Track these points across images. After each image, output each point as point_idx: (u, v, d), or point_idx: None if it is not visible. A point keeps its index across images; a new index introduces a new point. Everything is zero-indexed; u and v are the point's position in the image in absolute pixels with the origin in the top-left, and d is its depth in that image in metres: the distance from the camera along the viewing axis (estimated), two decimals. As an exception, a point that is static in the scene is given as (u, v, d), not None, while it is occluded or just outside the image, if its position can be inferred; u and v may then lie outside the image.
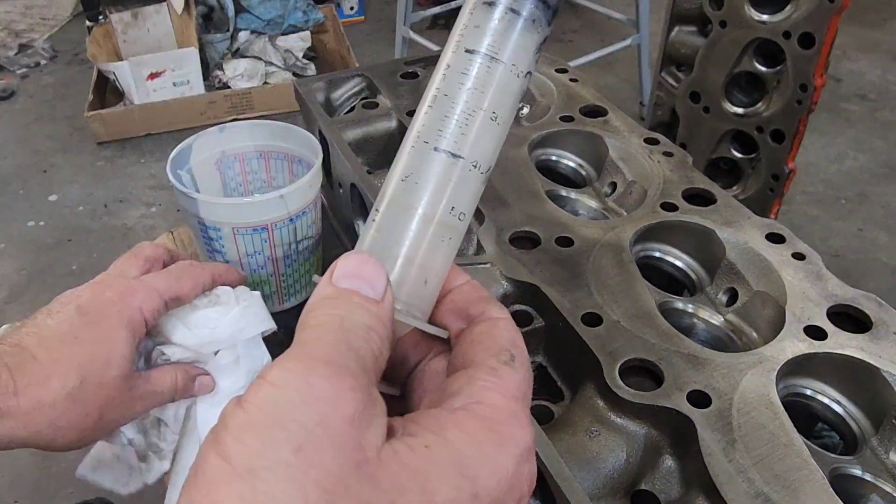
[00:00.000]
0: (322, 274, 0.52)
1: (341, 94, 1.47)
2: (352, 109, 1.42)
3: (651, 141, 1.27)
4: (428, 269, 0.54)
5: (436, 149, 0.54)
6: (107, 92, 4.38)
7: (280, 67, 4.50)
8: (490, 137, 0.55)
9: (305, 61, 4.65)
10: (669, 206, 1.13)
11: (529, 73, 0.56)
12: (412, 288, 0.54)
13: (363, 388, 0.45)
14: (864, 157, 3.99)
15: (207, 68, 4.39)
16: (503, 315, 0.55)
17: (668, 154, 1.24)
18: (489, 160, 0.55)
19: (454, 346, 0.55)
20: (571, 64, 1.50)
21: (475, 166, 0.54)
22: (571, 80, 1.45)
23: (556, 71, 1.48)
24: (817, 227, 3.50)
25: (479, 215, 1.12)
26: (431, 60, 1.52)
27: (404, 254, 0.54)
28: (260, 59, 4.47)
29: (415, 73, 1.47)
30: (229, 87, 4.36)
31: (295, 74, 4.52)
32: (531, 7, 0.55)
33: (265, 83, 4.42)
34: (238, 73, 4.38)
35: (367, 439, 0.44)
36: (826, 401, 0.91)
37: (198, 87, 4.26)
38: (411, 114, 1.31)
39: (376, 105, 1.38)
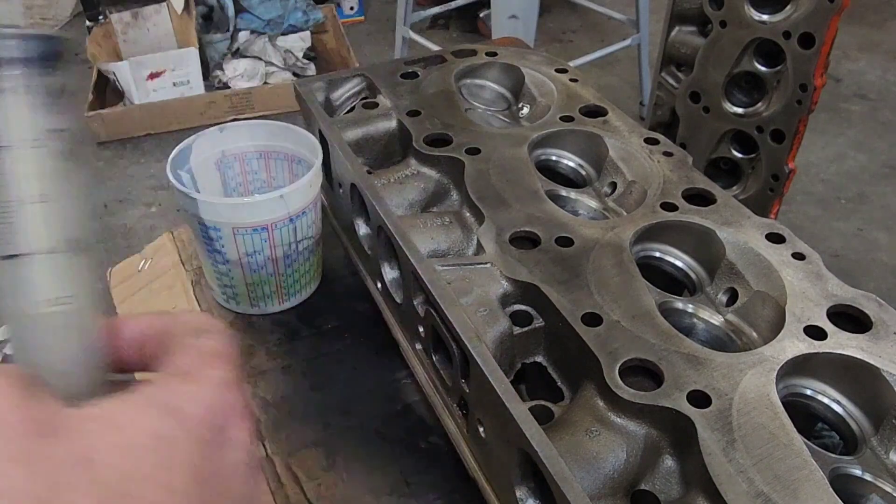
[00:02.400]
0: (322, 274, 0.54)
1: (341, 94, 1.47)
2: (352, 109, 1.42)
3: (651, 141, 1.27)
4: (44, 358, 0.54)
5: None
6: (107, 92, 4.38)
7: (280, 67, 4.51)
8: (39, 220, 0.53)
9: (305, 61, 4.65)
10: (669, 206, 1.12)
11: (62, 130, 0.54)
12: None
13: (19, 379, 0.48)
14: (864, 157, 3.99)
15: (207, 68, 4.39)
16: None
17: (668, 154, 1.24)
18: (64, 236, 0.54)
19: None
20: (571, 64, 1.50)
21: (53, 250, 0.53)
22: (571, 80, 1.45)
23: (556, 71, 1.48)
24: (817, 227, 3.51)
25: (478, 215, 1.12)
26: (432, 60, 1.52)
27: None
28: (260, 59, 4.47)
29: (415, 73, 1.47)
30: (229, 87, 4.36)
31: (295, 74, 4.52)
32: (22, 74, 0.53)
33: (265, 83, 4.42)
34: (238, 73, 4.39)
35: (37, 410, 0.47)
36: (826, 401, 0.91)
37: (198, 87, 4.26)
38: (411, 114, 1.32)
39: (376, 105, 1.38)
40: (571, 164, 1.31)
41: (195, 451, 0.50)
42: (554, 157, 1.32)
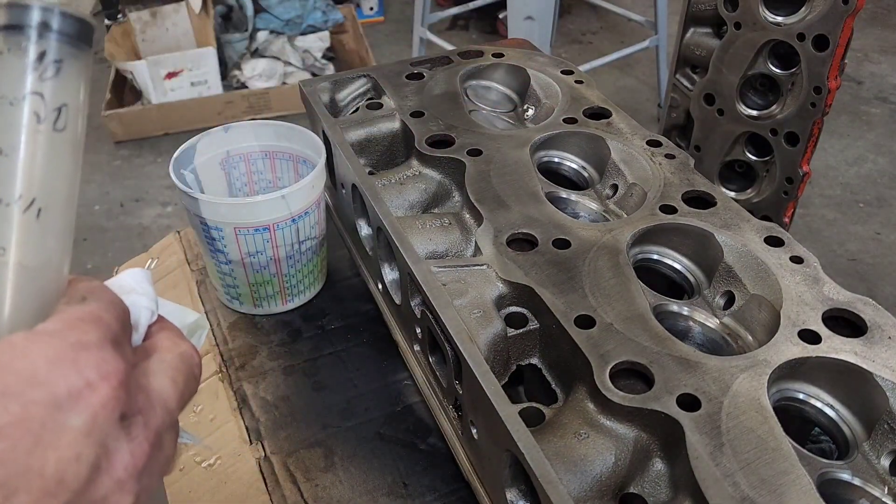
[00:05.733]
0: (327, 276, 0.51)
1: (347, 94, 1.47)
2: (357, 110, 1.42)
3: (653, 143, 1.26)
4: None
5: None
6: (124, 91, 4.40)
7: (298, 68, 4.52)
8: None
9: (324, 62, 4.66)
10: (668, 209, 1.12)
11: (38, 93, 0.55)
12: None
13: None
14: (884, 161, 3.96)
15: (226, 68, 4.41)
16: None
17: (669, 156, 1.23)
18: (13, 192, 0.55)
19: None
20: (590, 65, 1.49)
21: None
22: (577, 81, 1.44)
23: (562, 73, 1.47)
24: (834, 230, 3.48)
25: (478, 217, 1.12)
26: (438, 61, 1.52)
27: None
28: (278, 59, 4.49)
29: (420, 73, 1.47)
30: (247, 87, 4.37)
31: (314, 75, 4.53)
32: (1, 38, 0.54)
33: (283, 83, 4.43)
34: (256, 73, 4.40)
35: None
36: (819, 405, 0.91)
37: (215, 86, 4.28)
38: (415, 115, 1.32)
39: (380, 106, 1.38)
40: (574, 166, 1.30)
41: None
42: (556, 160, 1.31)
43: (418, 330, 1.10)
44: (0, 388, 0.47)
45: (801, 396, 0.91)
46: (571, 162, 1.31)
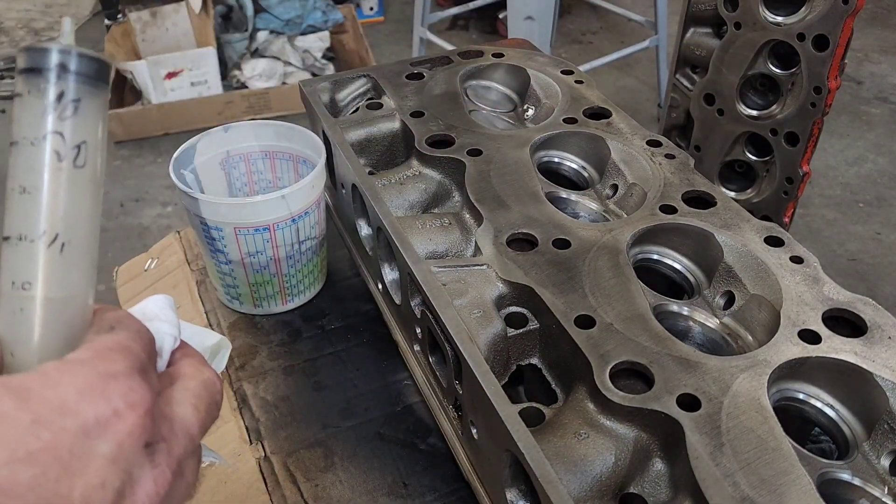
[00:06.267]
0: (327, 276, 0.52)
1: (347, 94, 1.47)
2: (357, 110, 1.42)
3: (653, 143, 1.26)
4: (9, 341, 0.57)
5: None
6: (124, 91, 4.40)
7: (298, 68, 4.51)
8: (24, 210, 0.56)
9: (324, 62, 4.66)
10: (668, 209, 1.12)
11: (58, 133, 0.56)
12: None
13: None
14: (884, 161, 3.96)
15: (226, 68, 4.41)
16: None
17: (669, 156, 1.23)
18: (37, 229, 0.57)
19: None
20: (590, 65, 1.49)
21: (22, 238, 0.56)
22: (577, 81, 1.44)
23: (562, 73, 1.47)
24: (834, 230, 3.48)
25: (478, 217, 1.12)
26: (438, 61, 1.52)
27: None
28: (278, 59, 4.48)
29: (420, 73, 1.47)
30: (247, 88, 4.37)
31: (314, 75, 4.52)
32: (22, 81, 0.56)
33: (283, 83, 4.42)
34: (256, 73, 4.40)
35: None
36: (819, 405, 0.91)
37: (215, 86, 4.28)
38: (415, 115, 1.32)
39: (380, 106, 1.38)
40: (574, 166, 1.30)
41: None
42: (556, 160, 1.31)
43: (418, 330, 1.10)
44: (32, 416, 0.49)
45: (801, 396, 0.92)
46: (571, 162, 1.31)
